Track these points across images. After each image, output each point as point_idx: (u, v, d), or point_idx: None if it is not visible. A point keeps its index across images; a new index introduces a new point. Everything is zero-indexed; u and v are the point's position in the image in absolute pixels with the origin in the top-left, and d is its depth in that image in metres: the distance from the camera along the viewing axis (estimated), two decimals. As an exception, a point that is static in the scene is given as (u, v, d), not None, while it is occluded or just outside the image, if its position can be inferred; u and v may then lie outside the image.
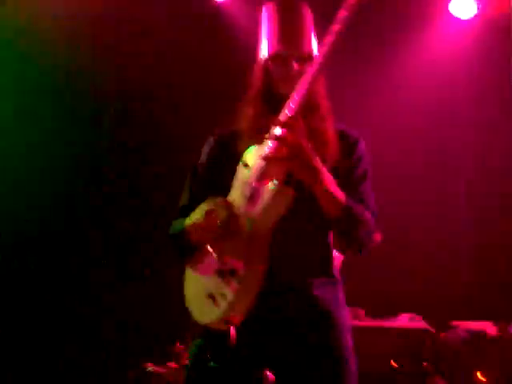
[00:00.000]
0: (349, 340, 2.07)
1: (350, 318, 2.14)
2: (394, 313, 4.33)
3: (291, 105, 1.93)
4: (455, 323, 4.35)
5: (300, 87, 1.94)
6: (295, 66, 2.08)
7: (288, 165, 1.91)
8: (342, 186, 2.00)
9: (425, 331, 4.09)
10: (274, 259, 1.94)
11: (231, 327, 1.91)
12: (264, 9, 2.20)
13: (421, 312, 4.33)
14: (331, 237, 2.14)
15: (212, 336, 2.02)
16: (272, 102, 2.07)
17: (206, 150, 2.23)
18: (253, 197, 1.96)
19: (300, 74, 2.01)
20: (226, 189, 2.07)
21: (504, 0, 4.92)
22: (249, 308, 1.92)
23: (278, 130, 1.91)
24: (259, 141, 2.02)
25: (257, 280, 1.92)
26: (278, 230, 1.96)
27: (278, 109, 1.99)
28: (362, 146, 2.18)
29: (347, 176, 2.07)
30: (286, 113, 1.92)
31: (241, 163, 2.05)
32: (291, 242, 2.03)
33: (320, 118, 2.09)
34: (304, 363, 2.01)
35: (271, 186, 1.94)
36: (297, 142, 1.87)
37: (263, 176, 1.96)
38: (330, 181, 1.94)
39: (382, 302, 4.67)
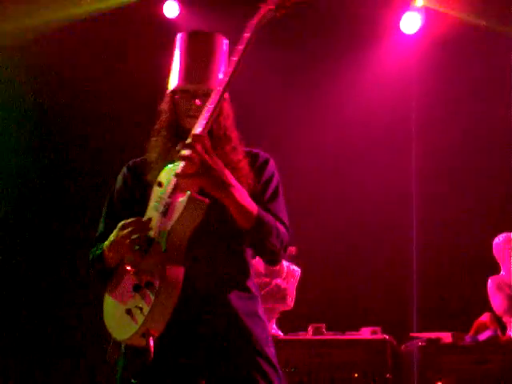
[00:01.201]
0: (269, 352, 2.11)
1: (268, 330, 2.19)
2: (355, 327, 4.37)
3: (197, 126, 1.99)
4: (415, 335, 4.42)
5: (206, 111, 2.01)
6: (197, 102, 2.13)
7: (199, 181, 1.96)
8: (256, 203, 2.05)
9: (386, 342, 4.13)
10: (191, 270, 1.97)
11: (150, 339, 1.92)
12: (177, 38, 2.22)
13: (382, 326, 4.38)
14: (248, 250, 2.18)
15: (132, 353, 2.05)
16: (179, 134, 2.14)
17: (119, 179, 2.29)
18: (167, 211, 1.99)
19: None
20: (139, 215, 2.08)
21: (450, 16, 5.08)
22: (166, 320, 1.93)
23: (186, 150, 1.96)
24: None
25: (173, 291, 1.93)
26: (193, 241, 2.00)
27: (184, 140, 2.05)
28: (272, 164, 2.25)
29: (260, 194, 2.13)
30: (192, 134, 1.97)
31: (155, 184, 2.08)
32: (207, 254, 2.08)
33: (232, 148, 2.16)
34: (227, 377, 2.05)
35: (185, 196, 1.97)
36: (203, 158, 1.92)
37: (176, 191, 2.00)
38: (240, 193, 1.99)
39: (343, 317, 4.72)
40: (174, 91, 2.17)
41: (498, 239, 4.48)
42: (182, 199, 1.97)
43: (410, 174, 5.12)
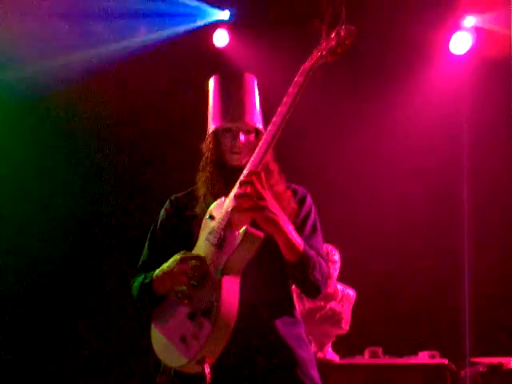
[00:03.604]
0: (314, 373, 2.22)
1: (312, 353, 2.34)
2: (413, 351, 4.28)
3: (252, 163, 2.11)
4: (476, 359, 4.30)
5: (258, 150, 2.12)
6: (241, 139, 2.26)
7: (252, 215, 2.06)
8: None
9: (445, 367, 4.03)
10: (242, 299, 2.07)
11: (206, 366, 1.98)
12: (211, 81, 2.37)
13: (441, 350, 4.28)
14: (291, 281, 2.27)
15: (185, 380, 2.11)
16: (223, 171, 2.28)
17: (163, 212, 2.39)
18: (221, 244, 2.09)
19: (246, 145, 2.25)
20: (182, 248, 2.19)
21: (503, 37, 5.02)
22: (222, 347, 2.01)
23: (244, 185, 2.07)
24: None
25: (229, 319, 2.02)
26: (245, 272, 2.11)
27: (229, 177, 2.22)
28: (310, 200, 2.35)
29: (299, 229, 2.22)
30: (246, 171, 2.10)
31: (206, 216, 2.17)
32: (257, 284, 2.18)
33: (276, 181, 2.27)
34: None
35: (242, 230, 2.05)
36: (260, 193, 2.03)
37: (230, 225, 2.09)
38: (289, 229, 2.10)
39: (401, 341, 4.63)
40: (216, 130, 2.29)
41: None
42: (239, 233, 2.06)
43: (462, 196, 5.03)
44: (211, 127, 2.31)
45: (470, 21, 5.13)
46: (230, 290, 2.04)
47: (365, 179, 5.23)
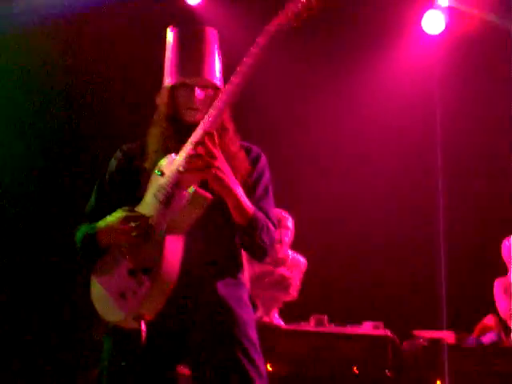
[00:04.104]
0: (252, 334, 2.21)
1: (253, 315, 2.33)
2: (357, 321, 4.36)
3: (205, 123, 2.07)
4: (417, 333, 4.39)
5: (214, 109, 2.09)
6: (198, 94, 2.20)
7: (203, 175, 2.05)
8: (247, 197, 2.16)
9: (387, 339, 4.11)
10: (185, 258, 2.06)
11: (142, 323, 1.98)
12: (169, 32, 2.29)
13: (385, 321, 4.35)
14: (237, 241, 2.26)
15: (121, 335, 2.11)
16: (177, 127, 2.22)
17: (113, 161, 2.34)
18: (168, 201, 2.06)
19: (203, 101, 2.19)
20: (130, 199, 2.19)
21: (473, 16, 5.03)
22: (160, 306, 2.02)
23: (196, 145, 2.04)
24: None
25: (170, 279, 2.01)
26: (190, 231, 2.09)
27: (183, 133, 2.16)
28: (264, 160, 2.32)
29: (251, 190, 2.22)
30: (200, 130, 2.06)
31: (155, 172, 2.14)
32: (202, 244, 2.16)
33: (230, 139, 2.23)
34: (211, 357, 2.14)
35: (190, 190, 2.03)
36: (213, 155, 2.02)
37: (179, 183, 2.06)
38: (240, 191, 2.09)
39: (346, 310, 4.70)
40: (172, 85, 2.23)
41: (508, 241, 4.44)
42: (187, 192, 2.04)
43: (433, 175, 5.09)
44: (167, 81, 2.25)
45: (444, 0, 5.13)
46: (173, 250, 2.03)
47: (327, 154, 5.27)
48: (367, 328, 4.23)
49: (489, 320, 4.33)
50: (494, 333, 4.18)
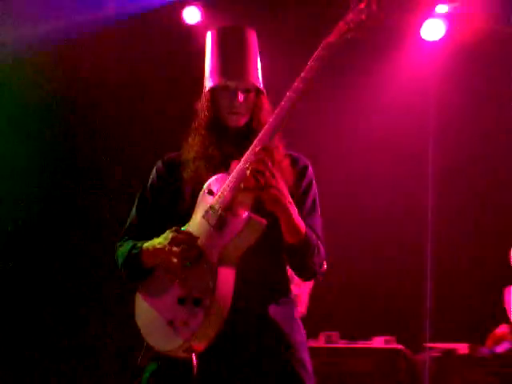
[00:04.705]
0: (306, 357, 2.07)
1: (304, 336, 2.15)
2: (368, 336, 4.33)
3: (262, 138, 1.95)
4: (429, 345, 4.35)
5: (272, 122, 1.96)
6: (240, 98, 2.08)
7: (261, 194, 1.91)
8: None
9: (399, 352, 4.08)
10: (237, 285, 1.94)
11: (193, 356, 1.90)
12: (208, 35, 2.18)
13: (396, 335, 4.32)
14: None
15: (168, 362, 2.00)
16: (218, 133, 2.11)
17: (154, 172, 2.23)
18: (221, 227, 1.95)
19: (246, 105, 2.08)
20: (172, 212, 2.09)
21: (473, 23, 5.01)
22: (211, 339, 1.91)
23: (255, 162, 1.91)
24: (210, 169, 2.06)
25: (223, 311, 1.91)
26: (243, 257, 1.97)
27: (224, 139, 2.07)
28: (311, 172, 2.19)
29: (299, 204, 2.06)
30: (256, 146, 1.93)
31: (204, 190, 2.03)
32: (254, 269, 2.02)
33: (275, 147, 2.07)
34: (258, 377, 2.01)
35: (244, 215, 1.92)
36: (272, 174, 1.89)
37: (232, 204, 1.95)
38: (295, 212, 1.96)
39: (357, 325, 4.67)
40: (212, 89, 2.11)
41: (517, 249, 4.40)
42: (241, 218, 1.93)
43: (427, 182, 5.06)
44: (208, 85, 2.12)
45: (442, 8, 5.11)
46: (226, 281, 1.91)
47: (328, 162, 5.24)
48: (378, 342, 4.19)
49: (501, 329, 4.28)
50: (508, 342, 4.13)
